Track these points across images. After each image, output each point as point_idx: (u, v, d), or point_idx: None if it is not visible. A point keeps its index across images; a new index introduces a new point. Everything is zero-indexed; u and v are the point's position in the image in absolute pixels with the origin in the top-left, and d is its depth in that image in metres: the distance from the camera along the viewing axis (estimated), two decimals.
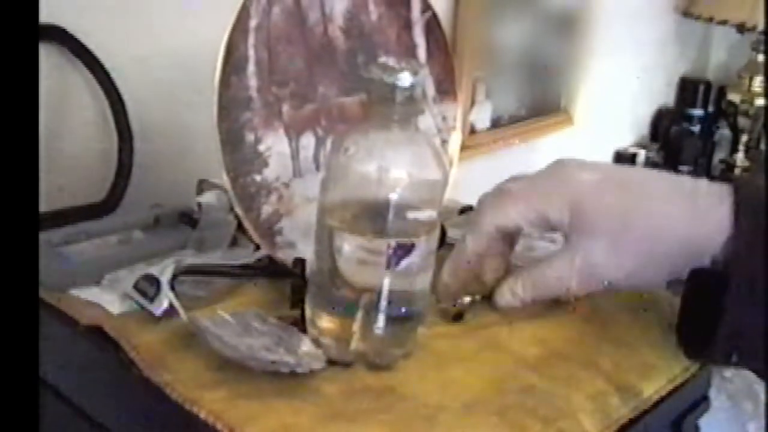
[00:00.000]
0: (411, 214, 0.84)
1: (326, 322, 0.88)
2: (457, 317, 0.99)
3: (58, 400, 0.99)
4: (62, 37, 1.20)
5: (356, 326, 0.85)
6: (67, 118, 1.24)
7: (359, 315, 0.85)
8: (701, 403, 1.17)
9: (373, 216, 0.83)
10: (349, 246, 0.84)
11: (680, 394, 1.09)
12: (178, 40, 1.34)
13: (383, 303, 0.85)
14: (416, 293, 0.87)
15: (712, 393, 1.45)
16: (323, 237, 0.86)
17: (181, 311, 0.93)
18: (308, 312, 0.90)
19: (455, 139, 1.18)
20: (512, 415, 0.87)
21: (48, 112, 1.19)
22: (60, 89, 1.23)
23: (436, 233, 0.87)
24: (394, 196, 0.82)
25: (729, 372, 2.48)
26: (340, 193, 0.85)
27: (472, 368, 0.92)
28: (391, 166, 0.82)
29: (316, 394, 0.85)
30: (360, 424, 0.81)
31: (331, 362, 0.87)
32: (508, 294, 0.94)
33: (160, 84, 1.33)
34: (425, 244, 0.85)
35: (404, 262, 0.84)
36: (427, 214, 0.85)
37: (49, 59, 1.20)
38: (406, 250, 0.83)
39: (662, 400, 1.04)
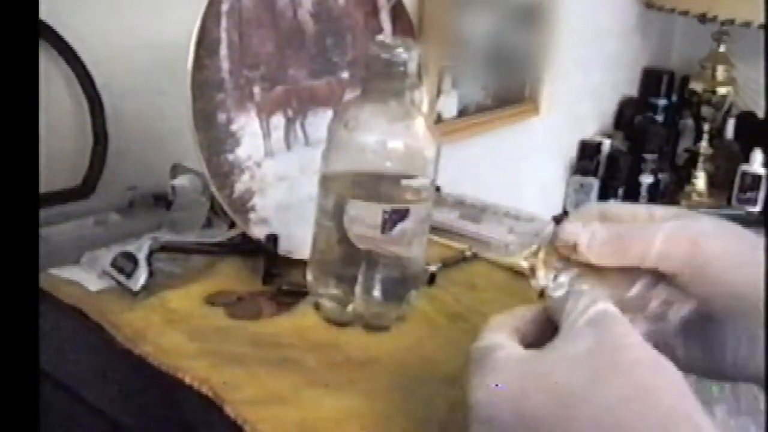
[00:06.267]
0: (405, 182, 0.89)
1: (327, 287, 0.93)
2: (431, 280, 1.05)
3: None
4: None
5: (358, 289, 0.90)
6: (44, 106, 1.26)
7: (360, 278, 0.90)
8: None
9: (372, 184, 0.89)
10: (350, 212, 0.89)
11: None
12: (152, 29, 1.36)
13: (380, 266, 0.90)
14: (411, 258, 0.93)
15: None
16: (326, 205, 0.91)
17: None
18: (309, 277, 0.94)
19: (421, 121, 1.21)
20: None
21: None
22: None
23: (430, 201, 0.92)
24: (389, 165, 0.88)
25: None
26: (342, 163, 0.90)
27: (448, 340, 0.95)
28: (387, 137, 0.88)
29: (299, 364, 0.88)
30: (341, 392, 0.84)
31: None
32: (580, 225, 0.71)
33: (134, 72, 1.35)
34: (419, 211, 0.90)
35: (399, 227, 0.89)
36: (420, 182, 0.90)
37: None
38: (400, 215, 0.89)
39: None
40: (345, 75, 1.13)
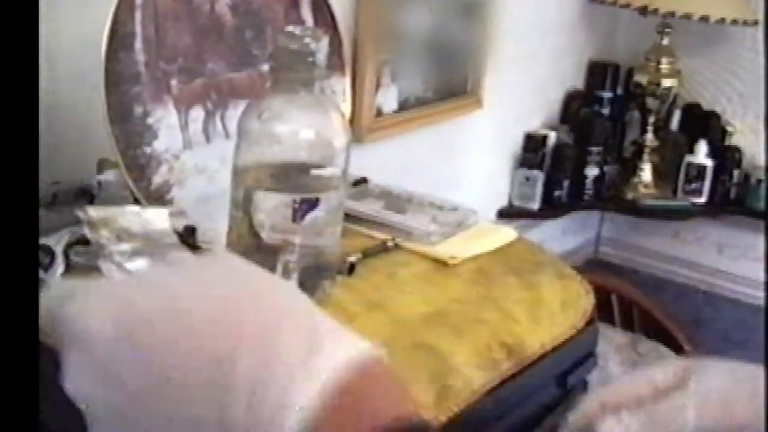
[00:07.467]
0: (315, 172, 0.90)
1: None
2: (350, 270, 1.05)
3: None
4: None
5: None
6: None
7: (279, 269, 0.91)
8: (587, 359, 1.22)
9: (282, 175, 0.90)
10: (262, 204, 0.89)
11: (565, 350, 1.14)
12: (79, 22, 1.36)
13: (293, 255, 0.91)
14: (325, 247, 0.94)
15: (623, 366, 1.48)
16: (238, 198, 0.91)
17: None
18: None
19: (343, 111, 1.22)
20: (400, 373, 0.91)
21: None
22: None
23: (342, 190, 0.93)
24: (300, 155, 0.89)
25: (644, 347, 2.54)
26: (254, 155, 0.91)
27: (363, 327, 0.96)
28: (298, 127, 0.88)
29: None
30: None
31: None
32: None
33: (62, 66, 1.34)
34: (330, 200, 0.91)
35: (310, 216, 0.90)
36: (331, 171, 0.91)
37: None
38: (311, 204, 0.90)
39: (546, 355, 1.09)
40: (265, 68, 1.13)
